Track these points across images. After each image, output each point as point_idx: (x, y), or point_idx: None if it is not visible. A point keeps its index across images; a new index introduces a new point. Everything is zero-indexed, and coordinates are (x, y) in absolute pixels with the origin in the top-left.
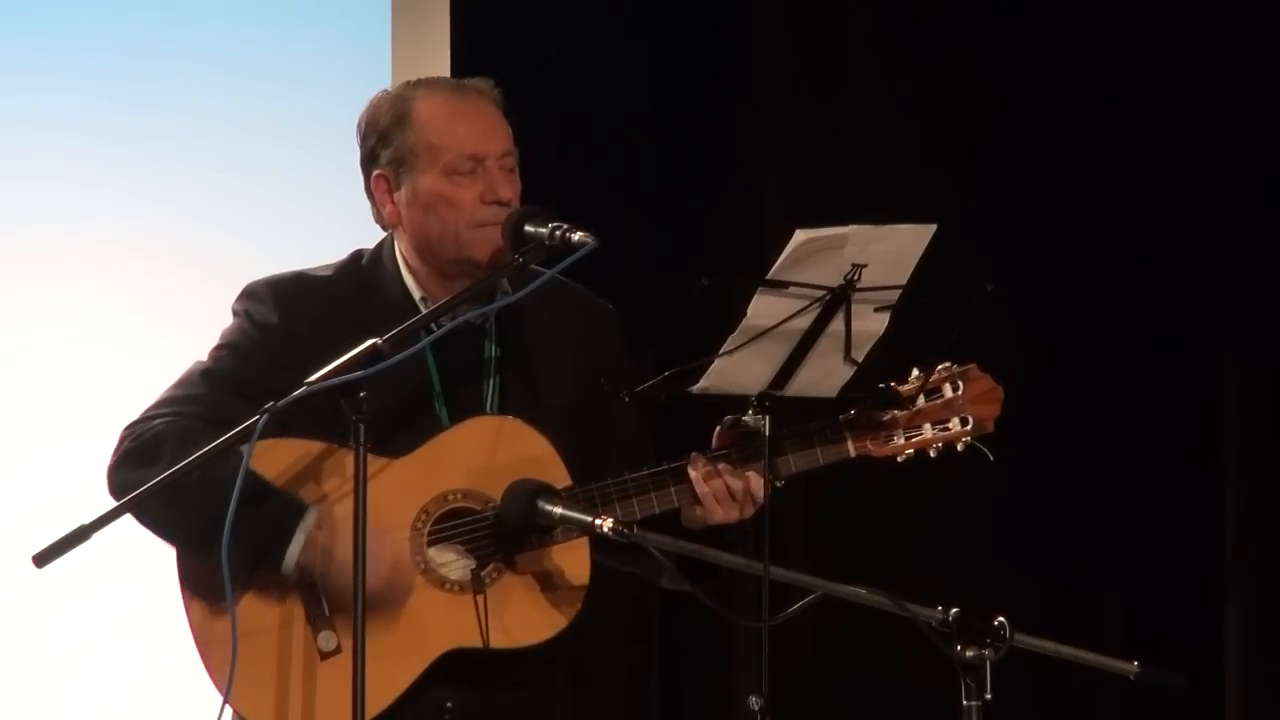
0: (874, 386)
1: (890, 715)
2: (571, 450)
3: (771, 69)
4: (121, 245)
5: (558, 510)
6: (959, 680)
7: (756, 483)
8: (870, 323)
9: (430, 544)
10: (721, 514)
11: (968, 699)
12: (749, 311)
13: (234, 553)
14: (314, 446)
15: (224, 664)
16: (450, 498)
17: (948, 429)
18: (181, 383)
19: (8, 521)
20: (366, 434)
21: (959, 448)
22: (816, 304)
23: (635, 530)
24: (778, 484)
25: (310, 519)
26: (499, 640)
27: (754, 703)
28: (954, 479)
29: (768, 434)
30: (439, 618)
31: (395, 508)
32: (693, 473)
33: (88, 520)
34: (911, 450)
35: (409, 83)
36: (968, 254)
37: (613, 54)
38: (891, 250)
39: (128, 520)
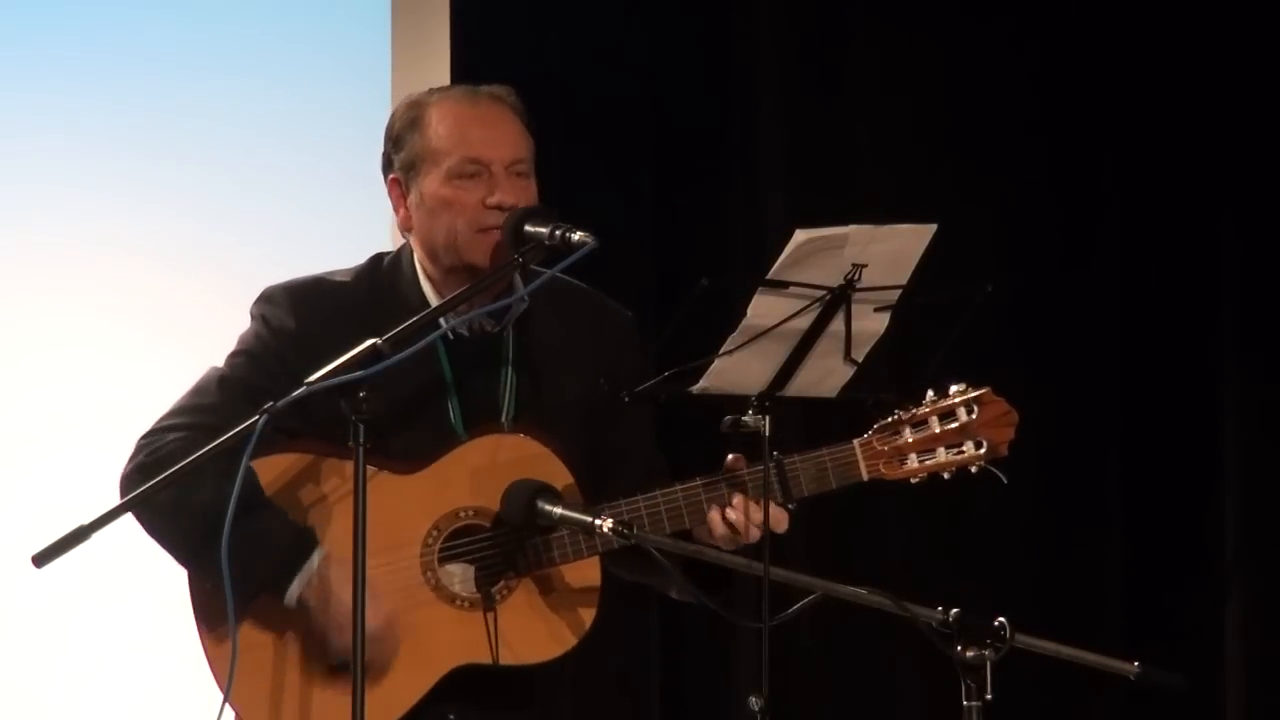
0: (882, 387)
1: (890, 715)
2: (586, 455)
3: (772, 68)
4: (120, 246)
5: (557, 510)
6: (959, 680)
7: (775, 517)
8: (870, 323)
9: (441, 561)
10: (733, 541)
11: (968, 699)
12: (749, 311)
13: (236, 576)
14: (318, 459)
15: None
16: (462, 514)
17: (961, 452)
18: (197, 390)
19: (9, 522)
20: (370, 434)
21: (972, 471)
22: (816, 304)
23: (635, 531)
24: (789, 506)
25: (315, 559)
26: (508, 657)
27: (754, 703)
28: (954, 479)
29: (768, 434)
30: (449, 634)
31: (407, 524)
32: (704, 495)
33: (87, 521)
34: (925, 473)
35: (430, 89)
36: (968, 254)
37: (613, 53)
38: (891, 250)
39: (133, 525)
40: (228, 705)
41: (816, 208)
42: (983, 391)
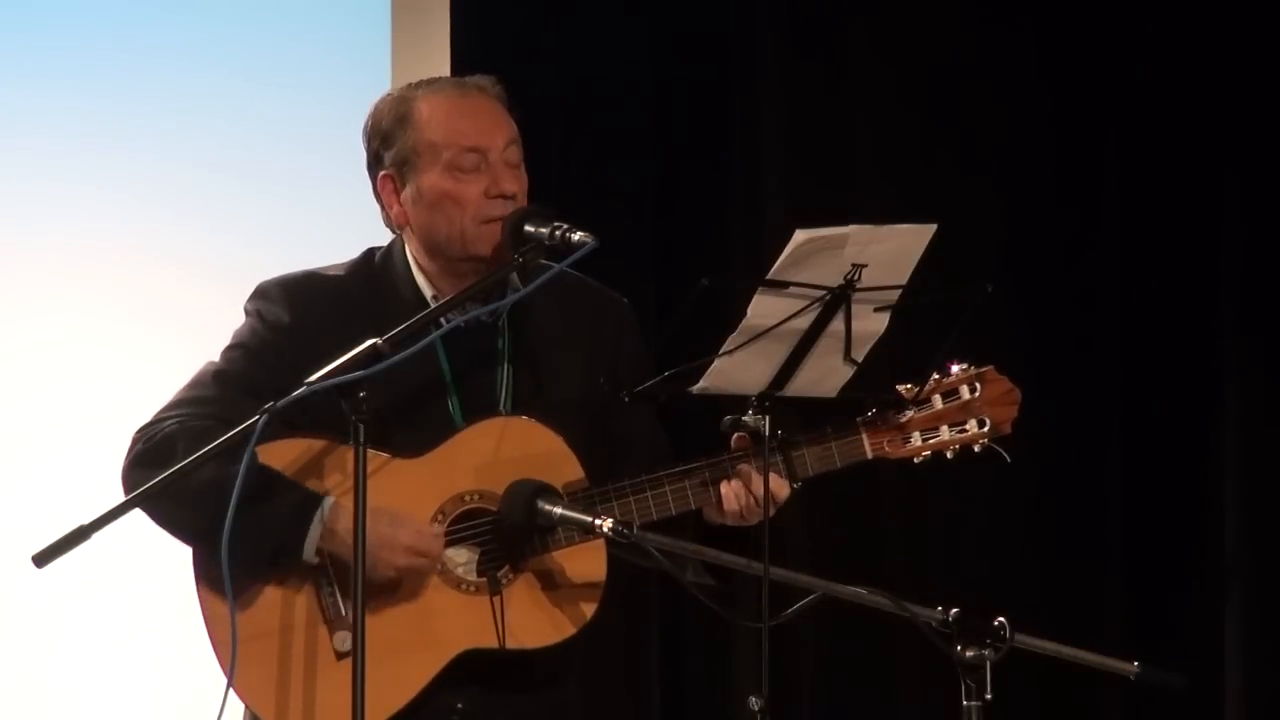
0: (883, 386)
1: (890, 715)
2: (590, 445)
3: (772, 67)
4: (120, 244)
5: (557, 510)
6: (959, 680)
7: (776, 484)
8: (870, 323)
9: (446, 544)
10: (742, 518)
11: (968, 699)
12: (749, 311)
13: (253, 546)
14: (322, 444)
15: (237, 661)
16: (466, 498)
17: (965, 431)
18: (194, 384)
19: (10, 522)
20: (371, 432)
21: (976, 449)
22: (816, 304)
23: (635, 530)
24: (795, 485)
25: (327, 505)
26: (515, 641)
27: (754, 703)
28: (955, 479)
29: (768, 434)
30: (455, 618)
31: (412, 507)
32: (709, 475)
33: (87, 521)
34: (928, 452)
35: (411, 84)
36: (968, 254)
37: (613, 53)
38: (891, 250)
39: (134, 522)
40: (232, 692)
41: (817, 207)
42: (985, 370)
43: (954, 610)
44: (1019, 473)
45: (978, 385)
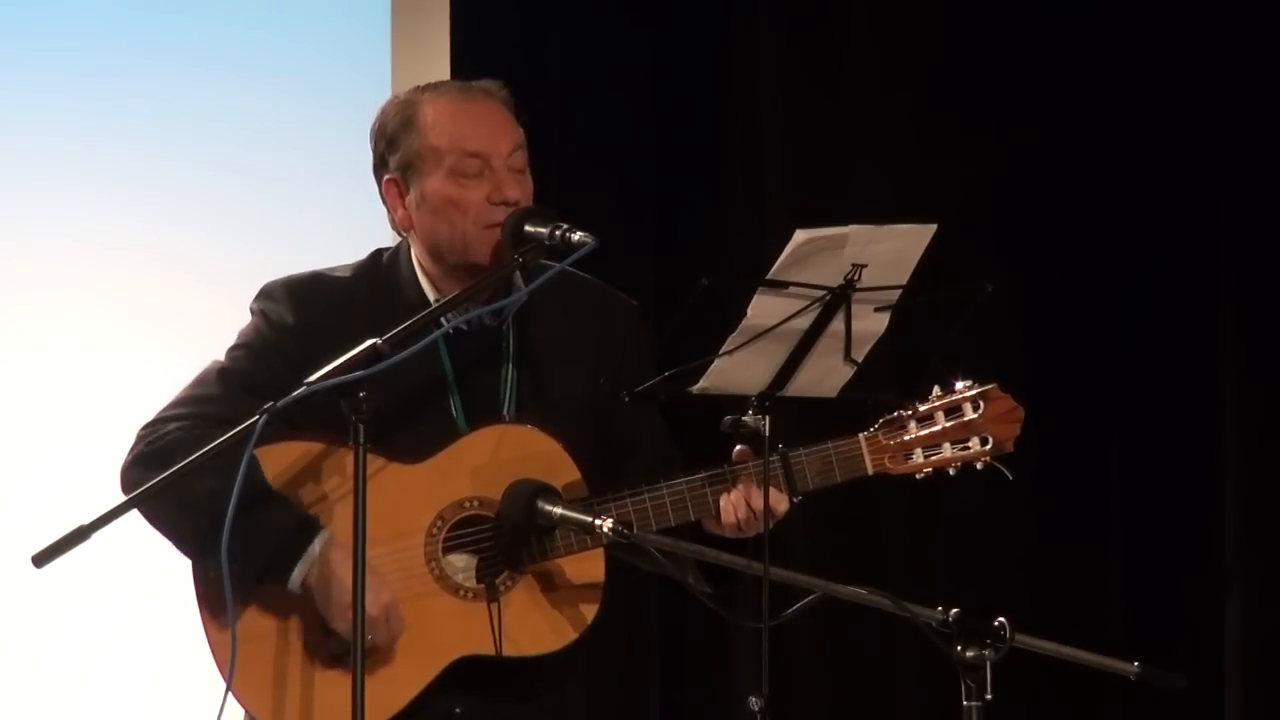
0: (883, 387)
1: (890, 715)
2: (594, 448)
3: (771, 68)
4: (119, 245)
5: (557, 510)
6: (959, 680)
7: (774, 498)
8: (870, 323)
9: (445, 550)
10: (740, 530)
11: (968, 699)
12: (749, 311)
13: (240, 565)
14: (321, 447)
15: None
16: (466, 505)
17: (967, 448)
18: (198, 382)
19: (10, 522)
20: (371, 432)
21: (978, 467)
22: (816, 304)
23: (635, 531)
24: (794, 499)
25: (318, 544)
26: (511, 649)
27: (754, 703)
28: (954, 479)
29: (768, 434)
30: (452, 624)
31: (411, 513)
32: (709, 487)
33: (87, 521)
34: (930, 469)
35: (418, 87)
36: (968, 254)
37: (613, 53)
38: (891, 250)
39: (134, 522)
40: (230, 695)
41: (817, 207)
42: (989, 388)
43: (954, 610)
44: (1020, 472)
45: (981, 403)
